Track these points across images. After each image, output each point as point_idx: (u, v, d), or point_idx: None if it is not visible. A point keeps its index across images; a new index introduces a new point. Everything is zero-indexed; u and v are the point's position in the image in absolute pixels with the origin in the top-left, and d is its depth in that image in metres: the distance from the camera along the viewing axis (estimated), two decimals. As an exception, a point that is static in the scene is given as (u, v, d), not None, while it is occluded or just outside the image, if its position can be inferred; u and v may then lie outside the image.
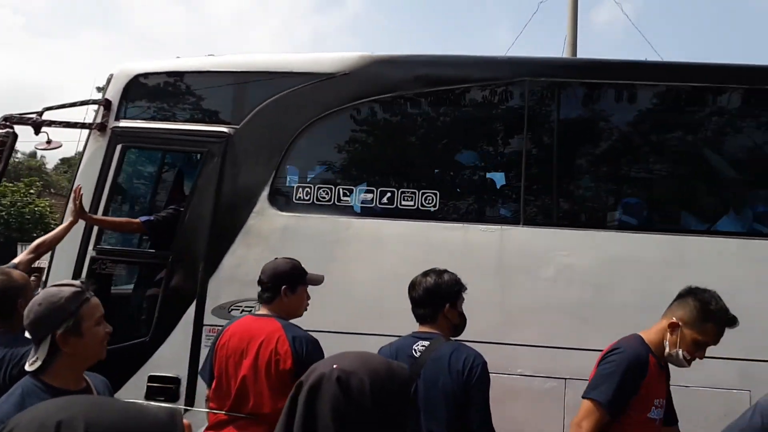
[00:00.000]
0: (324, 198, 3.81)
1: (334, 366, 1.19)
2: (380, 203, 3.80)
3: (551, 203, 3.82)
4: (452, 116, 4.10)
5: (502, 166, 4.11)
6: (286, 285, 2.69)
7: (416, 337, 2.56)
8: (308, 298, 2.83)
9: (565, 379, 3.38)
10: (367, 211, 3.80)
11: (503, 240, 3.61)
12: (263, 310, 2.74)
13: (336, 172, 4.05)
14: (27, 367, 1.85)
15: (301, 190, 3.83)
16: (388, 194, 3.82)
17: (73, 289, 1.91)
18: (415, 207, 3.77)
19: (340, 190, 3.85)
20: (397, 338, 2.65)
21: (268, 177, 3.79)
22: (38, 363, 1.83)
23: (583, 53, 10.71)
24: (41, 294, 1.93)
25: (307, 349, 2.53)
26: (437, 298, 2.58)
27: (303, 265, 2.81)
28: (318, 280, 2.90)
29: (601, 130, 4.03)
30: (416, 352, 2.47)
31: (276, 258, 2.86)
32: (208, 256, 3.69)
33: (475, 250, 3.60)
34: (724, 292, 2.48)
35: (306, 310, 2.83)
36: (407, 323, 2.70)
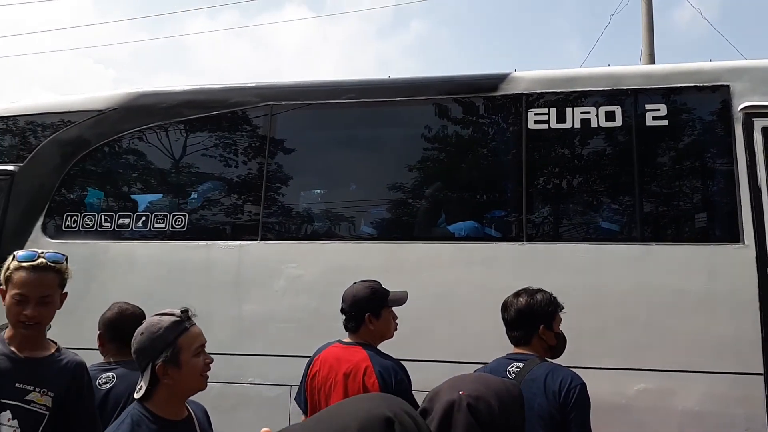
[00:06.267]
0: (88, 225, 4.24)
1: (461, 393, 1.23)
2: (135, 227, 4.18)
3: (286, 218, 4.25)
4: (202, 142, 4.40)
5: (245, 186, 4.32)
6: (369, 312, 2.60)
7: (510, 358, 2.45)
8: (395, 318, 2.72)
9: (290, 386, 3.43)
10: (125, 235, 4.18)
11: (241, 255, 3.94)
12: (350, 338, 2.65)
13: (101, 200, 4.43)
14: (135, 395, 1.87)
15: (69, 218, 4.27)
16: (143, 218, 4.20)
17: (172, 318, 1.89)
18: (167, 229, 4.11)
19: (102, 217, 4.25)
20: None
21: (43, 208, 4.28)
22: (142, 391, 1.84)
23: (662, 59, 10.16)
24: (145, 323, 1.93)
25: (396, 379, 2.46)
26: (530, 319, 2.46)
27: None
28: (402, 299, 2.68)
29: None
30: (510, 374, 2.36)
31: (354, 283, 2.69)
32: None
33: (217, 266, 3.95)
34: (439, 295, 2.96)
35: (396, 330, 2.73)
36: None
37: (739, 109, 3.66)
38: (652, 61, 9.78)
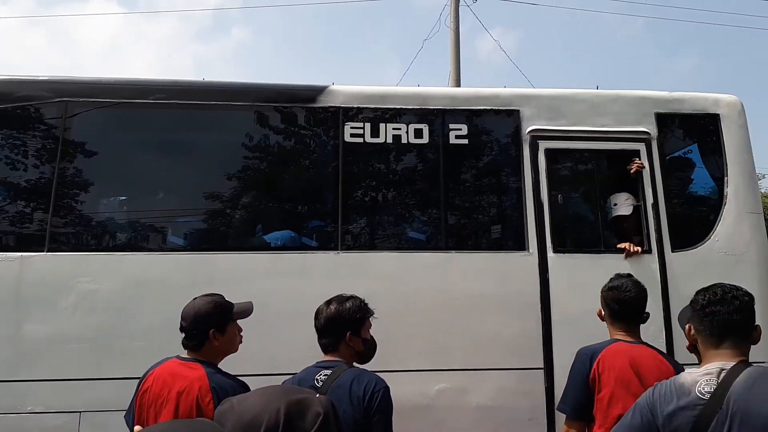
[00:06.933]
0: None
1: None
2: None
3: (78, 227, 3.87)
4: None
5: (31, 191, 3.88)
6: (213, 328, 2.46)
7: (319, 366, 2.47)
8: (240, 331, 2.60)
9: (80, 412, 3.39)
10: None
11: (23, 269, 3.55)
12: (189, 355, 2.49)
13: None
14: None
15: None
16: None
17: None
18: None
19: None
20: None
21: None
22: None
23: (467, 82, 11.57)
24: None
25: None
26: (338, 326, 2.50)
27: None
28: (247, 310, 2.60)
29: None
30: (318, 382, 2.38)
31: (194, 298, 2.53)
32: None
33: None
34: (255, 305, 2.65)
35: (241, 343, 2.61)
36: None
37: (526, 131, 4.13)
38: (458, 84, 10.75)
